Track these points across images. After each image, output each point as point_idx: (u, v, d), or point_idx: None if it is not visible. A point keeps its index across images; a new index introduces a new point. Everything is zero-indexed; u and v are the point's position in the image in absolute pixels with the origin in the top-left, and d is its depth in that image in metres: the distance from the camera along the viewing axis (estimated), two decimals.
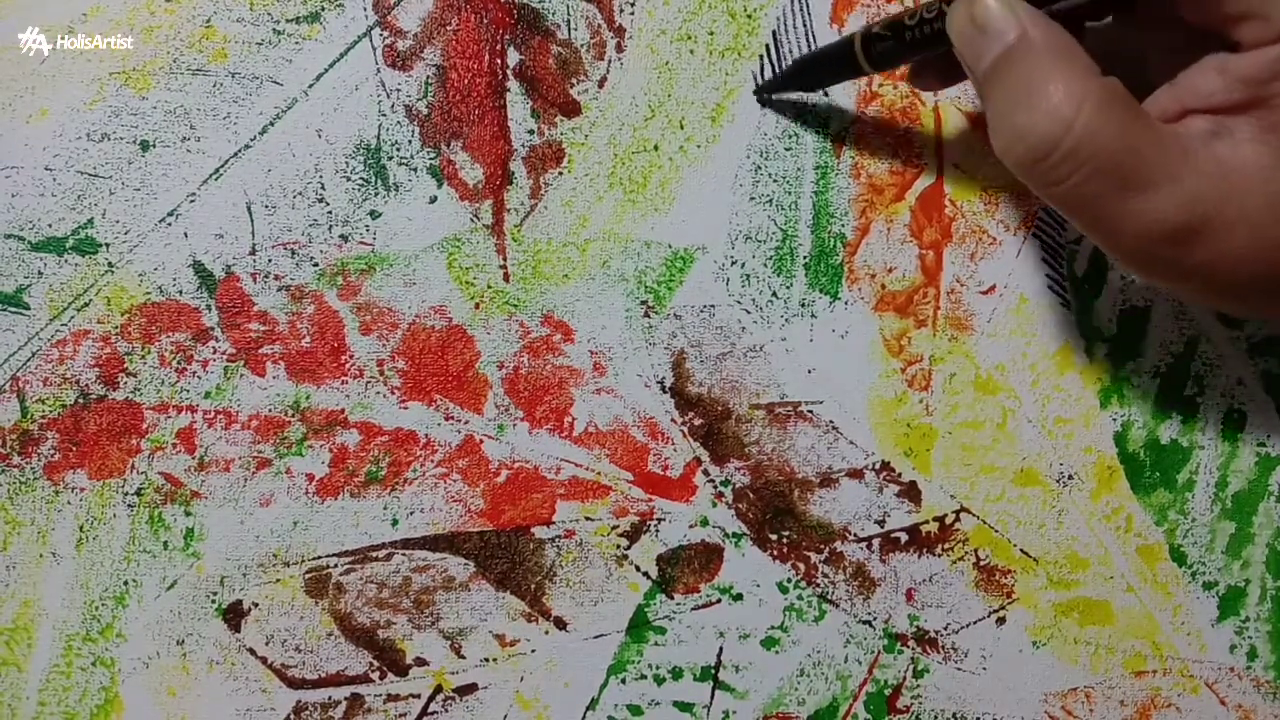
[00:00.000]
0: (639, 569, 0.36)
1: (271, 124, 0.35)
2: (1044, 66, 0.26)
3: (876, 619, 0.36)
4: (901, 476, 0.37)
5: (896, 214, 0.37)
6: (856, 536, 0.36)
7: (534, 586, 0.35)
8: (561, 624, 0.36)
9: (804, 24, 0.36)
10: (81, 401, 0.34)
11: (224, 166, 0.35)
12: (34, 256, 0.34)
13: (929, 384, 0.37)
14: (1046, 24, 0.27)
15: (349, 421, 0.35)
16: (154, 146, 0.34)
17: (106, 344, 0.34)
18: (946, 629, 0.37)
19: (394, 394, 0.35)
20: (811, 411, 0.36)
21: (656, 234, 0.36)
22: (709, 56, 0.36)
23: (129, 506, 0.34)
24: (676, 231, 0.36)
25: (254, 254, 0.35)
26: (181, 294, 0.35)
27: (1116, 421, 0.37)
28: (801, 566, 0.36)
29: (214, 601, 0.35)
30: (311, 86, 0.35)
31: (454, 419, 0.35)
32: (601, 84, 0.36)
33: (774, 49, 0.36)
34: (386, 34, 0.35)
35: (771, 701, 0.36)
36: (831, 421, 0.36)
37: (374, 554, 0.35)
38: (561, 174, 0.36)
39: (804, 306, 0.36)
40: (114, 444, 0.34)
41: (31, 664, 0.34)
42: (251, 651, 0.35)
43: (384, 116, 0.35)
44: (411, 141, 0.35)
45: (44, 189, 0.34)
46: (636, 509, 0.36)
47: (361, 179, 0.35)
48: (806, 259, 0.36)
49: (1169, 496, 0.37)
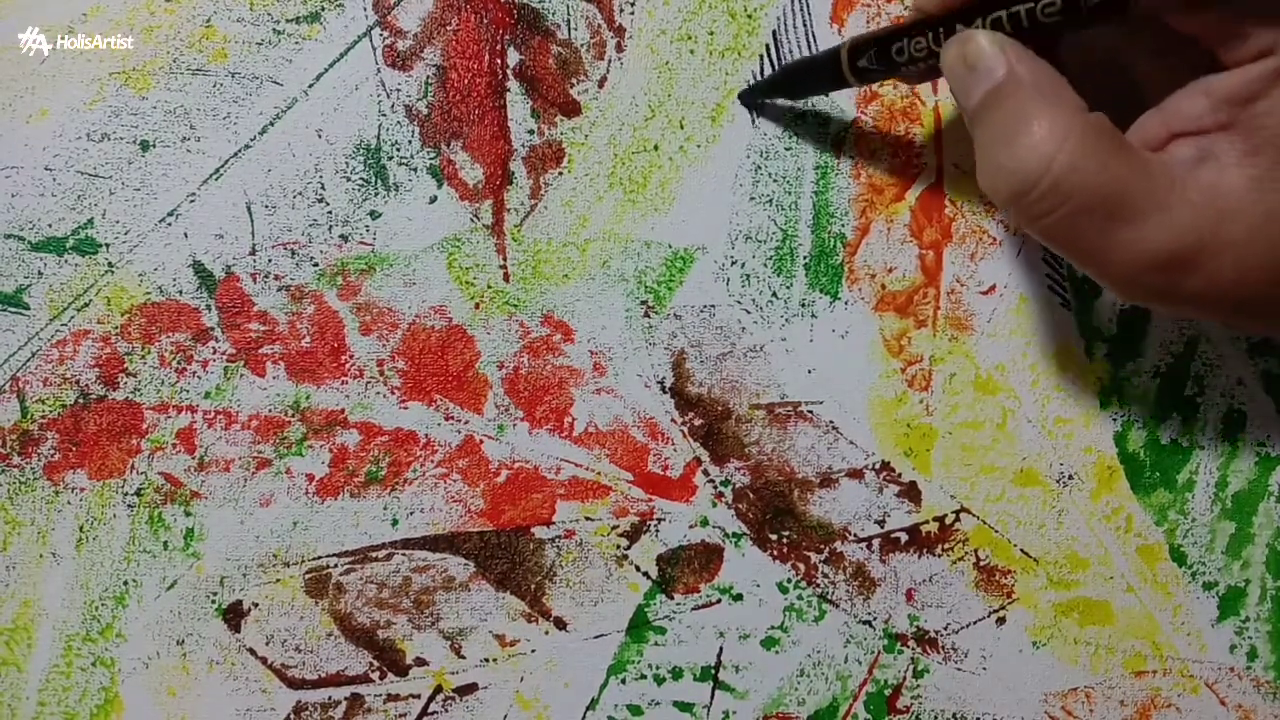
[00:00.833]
0: (639, 569, 0.36)
1: (271, 124, 0.35)
2: (1029, 103, 0.26)
3: (876, 619, 0.36)
4: (901, 476, 0.37)
5: (896, 214, 0.37)
6: (856, 536, 0.36)
7: (534, 586, 0.35)
8: (561, 624, 0.36)
9: (804, 24, 0.36)
10: (81, 401, 0.34)
11: (224, 166, 0.35)
12: (34, 256, 0.34)
13: (929, 384, 0.37)
14: (1034, 62, 0.27)
15: (349, 421, 0.35)
16: (154, 146, 0.34)
17: (106, 344, 0.34)
18: (946, 629, 0.37)
19: (394, 394, 0.35)
20: (811, 411, 0.36)
21: (656, 234, 0.36)
22: (709, 56, 0.36)
23: (129, 506, 0.34)
24: (676, 231, 0.36)
25: (254, 254, 0.35)
26: (181, 294, 0.35)
27: (1116, 421, 0.37)
28: (801, 567, 0.36)
29: (214, 601, 0.35)
30: (311, 86, 0.35)
31: (454, 419, 0.35)
32: (601, 84, 0.36)
33: (774, 49, 0.36)
34: (386, 34, 0.35)
35: (771, 701, 0.36)
36: (831, 421, 0.36)
37: (374, 554, 0.35)
38: (561, 174, 0.36)
39: (804, 306, 0.36)
40: (114, 444, 0.34)
41: (31, 664, 0.34)
42: (251, 651, 0.35)
43: (384, 116, 0.35)
44: (411, 141, 0.35)
45: (44, 189, 0.34)
46: (636, 509, 0.36)
47: (361, 179, 0.35)
48: (806, 259, 0.36)
49: (1169, 496, 0.37)
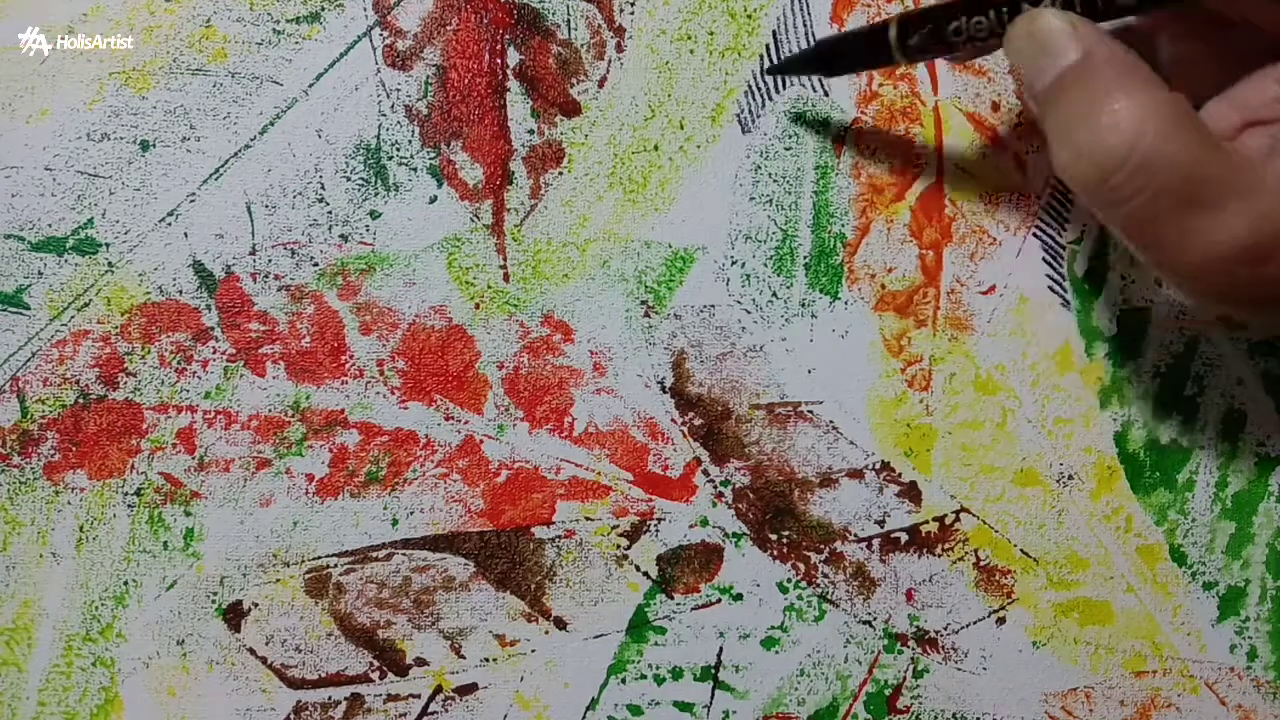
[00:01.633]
0: (639, 569, 0.36)
1: (271, 124, 0.35)
2: (1107, 83, 0.26)
3: (876, 619, 0.36)
4: (901, 476, 0.37)
5: (896, 214, 0.37)
6: (856, 536, 0.36)
7: (534, 586, 0.35)
8: (561, 624, 0.36)
9: (804, 24, 0.36)
10: (81, 401, 0.34)
11: (224, 166, 0.35)
12: (34, 256, 0.34)
13: (929, 384, 0.37)
14: (1108, 40, 0.26)
15: (349, 422, 0.35)
16: (154, 146, 0.34)
17: (106, 344, 0.34)
18: (946, 629, 0.37)
19: (394, 394, 0.35)
20: (811, 411, 0.36)
21: (656, 234, 0.36)
22: (709, 56, 0.36)
23: (129, 506, 0.34)
24: (676, 231, 0.36)
25: (254, 254, 0.35)
26: (181, 294, 0.35)
27: (1116, 421, 0.37)
28: (801, 566, 0.36)
29: (214, 601, 0.35)
30: (311, 86, 0.35)
31: (454, 419, 0.35)
32: (601, 84, 0.36)
33: (774, 49, 0.36)
34: (386, 34, 0.35)
35: (771, 701, 0.36)
36: (831, 421, 0.36)
37: (374, 554, 0.35)
38: (561, 174, 0.36)
39: (804, 306, 0.36)
40: (114, 444, 0.34)
41: (31, 664, 0.34)
42: (251, 651, 0.35)
43: (384, 116, 0.35)
44: (411, 141, 0.35)
45: (44, 189, 0.34)
46: (636, 509, 0.36)
47: (361, 179, 0.35)
48: (806, 259, 0.36)
49: (1169, 496, 0.37)
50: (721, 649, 0.36)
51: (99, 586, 0.34)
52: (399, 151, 0.35)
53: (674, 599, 0.36)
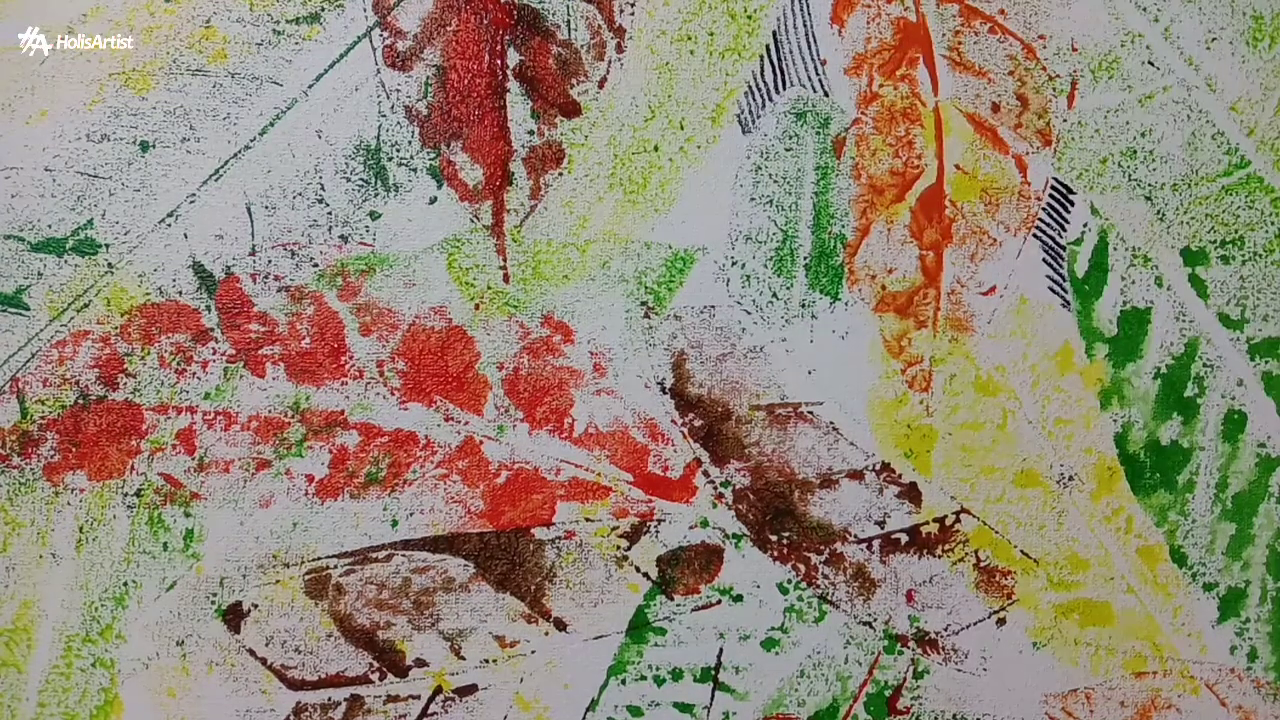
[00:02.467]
0: (639, 570, 0.36)
1: (271, 124, 0.35)
2: None
3: (877, 620, 0.36)
4: (902, 477, 0.36)
5: (896, 214, 0.36)
6: (857, 537, 0.36)
7: (534, 587, 0.35)
8: (561, 625, 0.36)
9: (804, 24, 0.36)
10: (81, 402, 0.34)
11: (224, 167, 0.35)
12: (34, 257, 0.34)
13: (929, 385, 0.37)
14: None
15: (349, 422, 0.35)
16: (154, 147, 0.34)
17: (106, 345, 0.34)
18: (947, 630, 0.37)
19: (394, 395, 0.35)
20: (812, 412, 0.36)
21: (657, 235, 0.36)
22: (709, 57, 0.36)
23: (129, 507, 0.34)
24: (676, 232, 0.36)
25: (254, 254, 0.35)
26: (181, 295, 0.35)
27: (1117, 422, 0.37)
28: (802, 567, 0.36)
29: (214, 602, 0.35)
30: (311, 87, 0.35)
31: (454, 420, 0.35)
32: (601, 84, 0.36)
33: (774, 49, 0.36)
34: (386, 34, 0.35)
35: (771, 702, 0.36)
36: (832, 422, 0.36)
37: (374, 555, 0.35)
38: (561, 174, 0.36)
39: (804, 307, 0.36)
40: (114, 445, 0.34)
41: (31, 665, 0.34)
42: (251, 652, 0.35)
43: (384, 117, 0.35)
44: (411, 142, 0.35)
45: (44, 189, 0.34)
46: (636, 510, 0.36)
47: (361, 179, 0.35)
48: (807, 260, 0.36)
49: (1169, 497, 0.37)
50: (721, 650, 0.36)
51: (99, 587, 0.34)
52: (399, 152, 0.35)
53: (674, 600, 0.36)
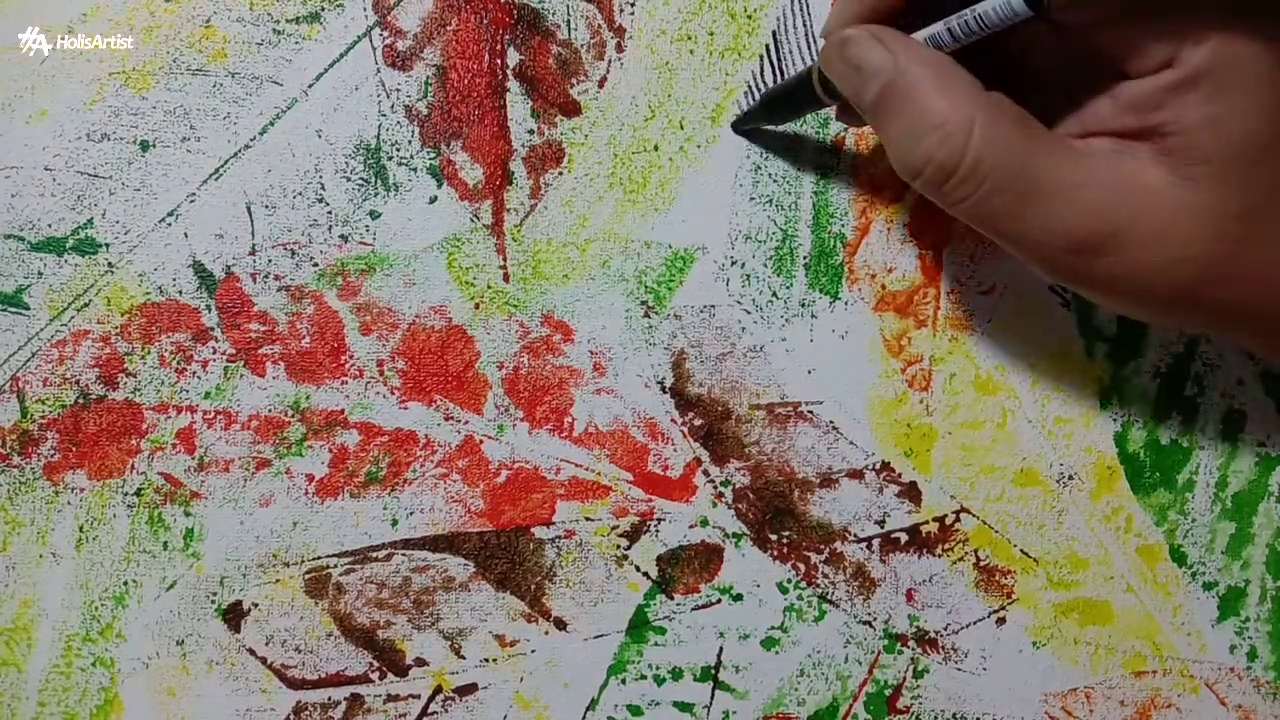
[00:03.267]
0: (639, 569, 0.36)
1: (271, 124, 0.35)
2: (928, 93, 0.26)
3: (876, 619, 0.36)
4: (901, 477, 0.37)
5: (896, 214, 0.37)
6: (856, 537, 0.36)
7: (534, 587, 0.35)
8: (561, 624, 0.36)
9: (804, 24, 0.36)
10: (81, 402, 0.34)
11: (224, 166, 0.35)
12: (34, 256, 0.34)
13: (929, 384, 0.37)
14: (920, 50, 0.27)
15: (349, 422, 0.35)
16: (154, 146, 0.34)
17: (106, 344, 0.34)
18: (946, 629, 0.37)
19: (394, 394, 0.35)
20: (811, 412, 0.36)
21: (656, 234, 0.36)
22: (709, 57, 0.36)
23: (129, 507, 0.34)
24: (676, 231, 0.36)
25: (254, 254, 0.35)
26: (181, 294, 0.35)
27: (1116, 421, 0.37)
28: (801, 567, 0.36)
29: (214, 602, 0.35)
30: (311, 86, 0.35)
31: (454, 419, 0.35)
32: (601, 84, 0.36)
33: (774, 49, 0.36)
34: (386, 34, 0.35)
35: (771, 702, 0.36)
36: (832, 422, 0.36)
37: (374, 554, 0.35)
38: (561, 174, 0.36)
39: (804, 307, 0.36)
40: (114, 444, 0.34)
41: (31, 664, 0.34)
42: (251, 652, 0.35)
43: (384, 116, 0.35)
44: (411, 141, 0.35)
45: (44, 189, 0.34)
46: (636, 509, 0.36)
47: (361, 179, 0.35)
48: (807, 259, 0.36)
49: (1169, 497, 0.37)
50: (721, 649, 0.36)
51: (99, 587, 0.34)
52: (399, 151, 0.35)
53: (674, 599, 0.36)
